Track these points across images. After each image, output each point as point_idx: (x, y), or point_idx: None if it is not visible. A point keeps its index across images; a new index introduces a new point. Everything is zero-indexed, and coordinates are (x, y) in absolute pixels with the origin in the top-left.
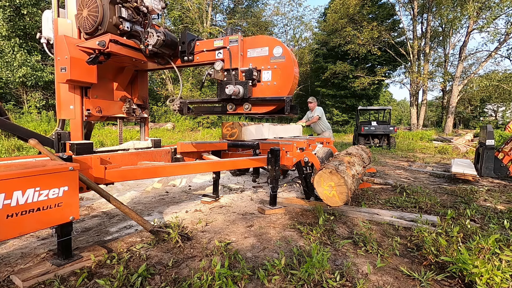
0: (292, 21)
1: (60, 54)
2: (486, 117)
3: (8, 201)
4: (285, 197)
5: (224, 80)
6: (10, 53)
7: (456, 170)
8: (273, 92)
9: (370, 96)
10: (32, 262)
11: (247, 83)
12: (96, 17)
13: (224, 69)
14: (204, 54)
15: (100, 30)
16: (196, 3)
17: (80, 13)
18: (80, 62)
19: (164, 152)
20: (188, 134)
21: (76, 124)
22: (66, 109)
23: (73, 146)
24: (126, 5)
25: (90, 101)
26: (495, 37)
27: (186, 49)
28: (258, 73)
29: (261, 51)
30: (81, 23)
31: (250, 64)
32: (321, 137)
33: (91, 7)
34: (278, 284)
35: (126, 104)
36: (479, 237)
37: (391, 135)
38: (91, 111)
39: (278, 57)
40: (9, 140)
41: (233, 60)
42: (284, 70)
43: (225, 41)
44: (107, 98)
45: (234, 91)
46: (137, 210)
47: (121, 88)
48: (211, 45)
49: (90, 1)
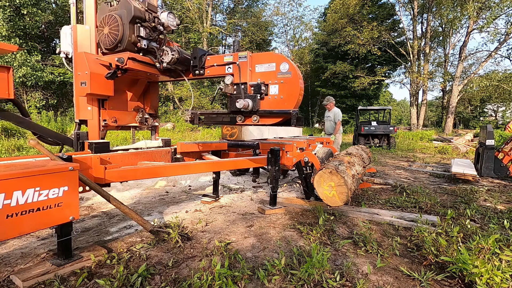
0: (292, 21)
1: (80, 69)
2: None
3: (8, 201)
4: (285, 197)
5: (233, 93)
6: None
7: (456, 170)
8: (280, 105)
9: (370, 96)
10: (32, 262)
11: (256, 97)
12: (117, 35)
13: (233, 83)
14: (215, 69)
15: (120, 47)
16: (196, 3)
17: (101, 30)
18: (99, 77)
19: (164, 152)
20: (188, 134)
21: (93, 124)
22: (84, 112)
23: (92, 145)
24: (144, 24)
25: (107, 112)
26: (495, 37)
27: (198, 64)
28: (266, 87)
29: (268, 66)
30: (102, 39)
31: (259, 79)
32: (327, 137)
33: (112, 26)
34: (278, 284)
35: (139, 114)
36: (479, 237)
37: (391, 135)
38: (107, 121)
39: (284, 72)
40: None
41: (242, 74)
42: (290, 84)
43: (234, 57)
44: (121, 108)
45: (244, 105)
46: (137, 210)
47: (135, 99)
48: (221, 60)
49: (112, 20)
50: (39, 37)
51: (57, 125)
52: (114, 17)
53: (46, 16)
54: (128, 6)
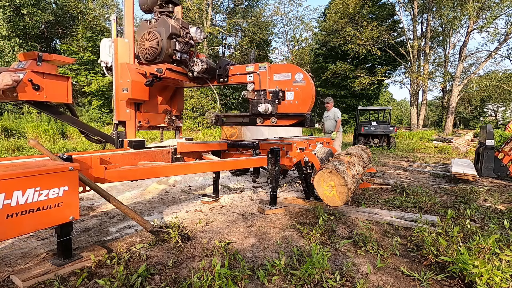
0: (292, 21)
1: (122, 77)
2: (486, 117)
3: (8, 201)
4: (285, 197)
5: (254, 98)
6: (10, 53)
7: (456, 170)
8: (295, 109)
9: (370, 96)
10: (32, 262)
11: (274, 102)
12: (156, 49)
13: (254, 90)
14: (237, 77)
15: (158, 59)
16: (196, 3)
17: (142, 44)
18: (139, 84)
19: (164, 152)
20: (188, 134)
21: (130, 125)
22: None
23: (131, 143)
24: (179, 39)
25: (141, 114)
26: (495, 37)
27: (223, 73)
28: (283, 94)
29: (285, 75)
30: (143, 52)
31: (277, 86)
32: (327, 137)
33: (152, 41)
34: (278, 284)
35: (168, 116)
36: (479, 237)
37: (391, 135)
38: (142, 122)
39: (299, 81)
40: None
41: (262, 82)
42: (304, 91)
43: (255, 67)
44: (153, 111)
45: (265, 108)
46: (137, 210)
47: (164, 103)
48: (243, 70)
49: (152, 36)
50: (39, 37)
51: (57, 125)
52: (154, 34)
53: (46, 16)
54: (166, 24)
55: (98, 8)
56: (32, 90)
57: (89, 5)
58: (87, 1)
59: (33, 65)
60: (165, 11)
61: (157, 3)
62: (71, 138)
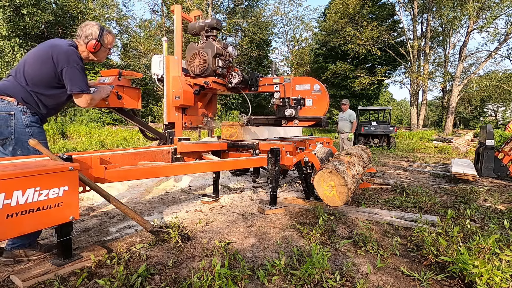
0: (292, 21)
1: (174, 87)
2: (486, 117)
3: (8, 201)
4: (285, 197)
5: (280, 104)
6: (10, 53)
7: (456, 170)
8: (313, 113)
9: (370, 96)
10: (32, 262)
11: (297, 107)
12: (204, 66)
13: (280, 98)
14: (265, 87)
15: (205, 73)
16: (196, 3)
17: (192, 61)
18: (188, 93)
19: (164, 152)
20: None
21: (178, 126)
22: (173, 117)
23: (180, 140)
24: (221, 57)
25: (186, 117)
26: (495, 37)
27: (254, 83)
28: (303, 101)
29: (305, 86)
30: (193, 68)
31: (299, 95)
32: (343, 136)
33: (201, 59)
34: (278, 284)
35: (205, 118)
36: (479, 237)
37: (391, 135)
38: (186, 124)
39: (317, 91)
40: None
41: (286, 91)
42: (320, 99)
43: (281, 79)
44: (194, 114)
45: (290, 113)
46: (137, 210)
47: (202, 107)
48: (270, 81)
49: (201, 55)
50: (39, 37)
51: (57, 125)
52: (202, 53)
53: (46, 16)
54: (212, 46)
55: (98, 8)
56: (116, 99)
57: (89, 5)
58: (87, 1)
59: (115, 80)
60: (211, 35)
61: (204, 29)
62: (71, 138)
